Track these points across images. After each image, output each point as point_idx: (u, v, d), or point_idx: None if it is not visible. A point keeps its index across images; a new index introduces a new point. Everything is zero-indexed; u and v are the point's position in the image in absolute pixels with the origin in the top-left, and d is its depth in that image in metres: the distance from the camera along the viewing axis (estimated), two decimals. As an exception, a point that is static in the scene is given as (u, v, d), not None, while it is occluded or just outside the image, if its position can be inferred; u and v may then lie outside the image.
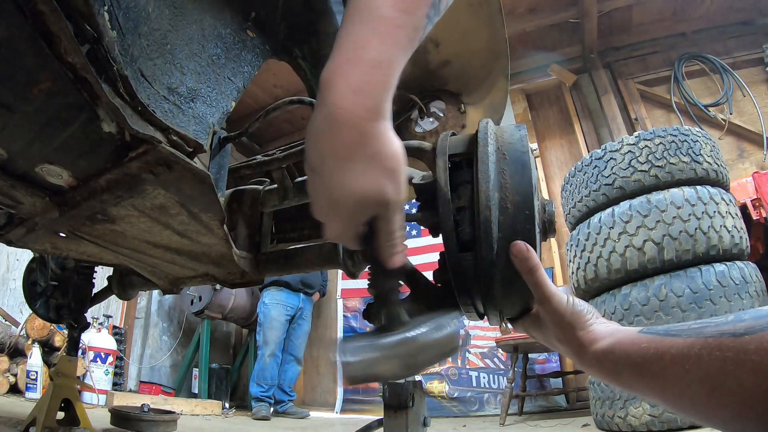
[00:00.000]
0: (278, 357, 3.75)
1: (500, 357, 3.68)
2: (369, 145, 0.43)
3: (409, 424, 0.74)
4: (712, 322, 0.41)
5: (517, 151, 0.62)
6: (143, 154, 0.68)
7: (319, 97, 0.43)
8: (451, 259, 0.65)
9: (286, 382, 3.80)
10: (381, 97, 0.42)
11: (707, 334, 0.39)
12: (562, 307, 0.55)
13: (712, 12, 4.00)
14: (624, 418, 1.88)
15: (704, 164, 2.07)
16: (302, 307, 3.95)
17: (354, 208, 0.45)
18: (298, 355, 3.91)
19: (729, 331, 0.38)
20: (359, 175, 0.43)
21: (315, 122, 0.44)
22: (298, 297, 3.93)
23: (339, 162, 0.43)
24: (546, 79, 4.37)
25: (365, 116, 0.42)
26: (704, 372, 0.38)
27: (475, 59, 1.35)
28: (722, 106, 3.81)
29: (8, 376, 2.90)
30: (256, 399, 3.59)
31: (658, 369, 0.42)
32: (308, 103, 0.96)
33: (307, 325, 4.02)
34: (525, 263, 0.56)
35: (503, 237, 0.57)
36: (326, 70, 0.43)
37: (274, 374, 3.69)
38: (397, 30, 0.43)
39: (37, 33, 0.51)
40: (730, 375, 0.36)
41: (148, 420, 1.95)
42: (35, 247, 1.13)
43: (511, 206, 0.57)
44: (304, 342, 3.99)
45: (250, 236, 1.11)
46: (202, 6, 0.79)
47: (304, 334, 3.98)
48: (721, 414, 0.38)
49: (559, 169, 4.17)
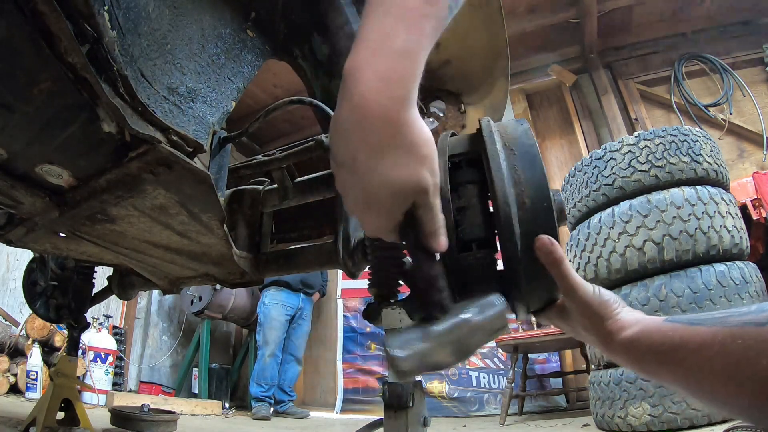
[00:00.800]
0: (278, 357, 3.76)
1: (500, 357, 3.68)
2: (403, 134, 0.42)
3: (409, 424, 0.74)
4: (735, 311, 0.41)
5: (524, 145, 0.62)
6: (143, 154, 0.68)
7: (344, 90, 0.42)
8: (451, 259, 0.65)
9: (287, 382, 3.80)
10: (410, 86, 0.42)
11: (731, 323, 0.40)
12: (588, 298, 0.55)
13: (712, 12, 4.00)
14: (624, 418, 1.88)
15: (704, 164, 2.07)
16: (302, 307, 3.95)
17: (393, 200, 0.45)
18: (298, 355, 3.91)
19: (752, 320, 0.38)
20: (396, 165, 0.42)
21: (341, 116, 0.43)
22: (298, 297, 3.93)
23: (373, 154, 0.42)
24: (546, 79, 4.36)
25: (396, 106, 0.41)
26: (726, 360, 0.38)
27: (475, 59, 1.35)
28: (722, 106, 3.81)
29: (8, 376, 2.90)
30: (257, 399, 3.60)
31: (682, 356, 0.43)
32: (308, 103, 0.96)
33: (307, 325, 4.02)
34: (550, 256, 0.55)
35: (525, 232, 0.57)
36: (350, 60, 0.42)
37: (274, 374, 3.69)
38: (423, 19, 0.43)
39: (37, 33, 0.51)
40: (751, 363, 0.36)
41: (148, 420, 1.95)
42: (35, 247, 1.13)
43: (528, 201, 0.58)
44: (305, 342, 3.99)
45: (250, 236, 1.11)
46: (202, 6, 0.79)
47: (304, 334, 3.98)
48: (740, 402, 0.38)
49: (559, 169, 4.16)
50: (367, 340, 4.25)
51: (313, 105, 0.95)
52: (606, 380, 2.00)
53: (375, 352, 4.19)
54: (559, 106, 4.39)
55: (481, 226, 0.63)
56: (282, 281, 3.89)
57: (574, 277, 0.56)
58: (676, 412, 1.74)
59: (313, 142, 0.96)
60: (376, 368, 4.11)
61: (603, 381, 2.02)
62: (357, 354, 4.22)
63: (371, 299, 0.88)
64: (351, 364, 4.20)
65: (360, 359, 4.21)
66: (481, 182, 0.65)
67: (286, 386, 3.79)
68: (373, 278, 0.87)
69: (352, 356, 4.22)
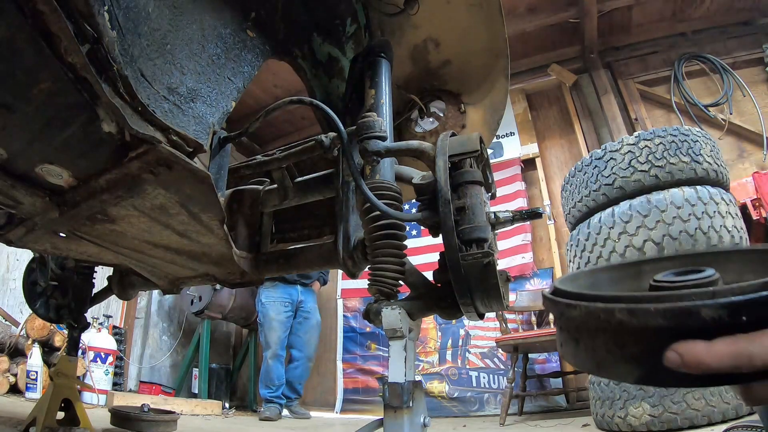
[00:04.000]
0: (282, 356, 3.69)
1: (500, 357, 3.68)
2: None
3: (409, 424, 0.74)
4: None
5: None
6: (143, 154, 0.68)
7: None
8: (451, 259, 0.65)
9: (295, 379, 3.71)
10: None
11: None
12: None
13: (712, 12, 3.99)
14: (624, 418, 1.88)
15: (704, 164, 2.07)
16: (302, 299, 3.83)
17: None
18: (306, 352, 3.78)
19: None
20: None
21: None
22: (295, 289, 3.81)
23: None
24: (546, 79, 4.36)
25: None
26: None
27: (475, 59, 1.35)
28: (722, 106, 3.81)
29: (8, 376, 2.90)
30: (266, 401, 3.59)
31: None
32: (308, 103, 0.96)
33: (314, 318, 3.86)
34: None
35: None
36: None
37: (279, 374, 3.65)
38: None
39: (37, 33, 0.51)
40: None
41: (148, 420, 1.95)
42: (35, 247, 1.13)
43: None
44: (314, 337, 3.83)
45: (250, 236, 1.11)
46: (202, 6, 0.79)
47: (312, 328, 3.83)
48: None
49: (559, 169, 4.16)
50: (367, 340, 4.24)
51: (313, 105, 0.95)
52: (606, 380, 2.00)
53: (375, 352, 4.19)
54: (559, 106, 4.39)
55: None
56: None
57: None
58: (676, 412, 1.74)
59: (313, 142, 0.96)
60: (376, 368, 4.11)
61: (603, 381, 2.02)
62: (357, 354, 4.22)
63: (371, 299, 0.89)
64: (351, 364, 4.20)
65: (360, 359, 4.21)
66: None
67: (296, 383, 3.70)
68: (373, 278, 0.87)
69: (352, 356, 4.21)
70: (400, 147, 0.89)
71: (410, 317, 0.82)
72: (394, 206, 0.85)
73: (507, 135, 4.30)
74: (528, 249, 3.81)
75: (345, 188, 1.01)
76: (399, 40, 1.29)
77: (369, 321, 0.87)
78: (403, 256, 0.88)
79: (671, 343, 0.31)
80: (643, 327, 0.31)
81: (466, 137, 0.81)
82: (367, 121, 0.88)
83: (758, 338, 0.29)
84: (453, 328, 3.89)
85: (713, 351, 0.29)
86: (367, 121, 0.88)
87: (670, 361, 0.31)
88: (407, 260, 0.90)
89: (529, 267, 3.76)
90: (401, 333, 0.79)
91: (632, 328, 0.32)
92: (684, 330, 0.30)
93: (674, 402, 1.74)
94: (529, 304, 3.40)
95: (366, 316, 0.88)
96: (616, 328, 0.33)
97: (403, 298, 0.88)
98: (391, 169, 0.97)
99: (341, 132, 0.88)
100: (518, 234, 3.84)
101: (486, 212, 0.77)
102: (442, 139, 0.82)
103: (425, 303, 0.87)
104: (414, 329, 0.84)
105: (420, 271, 0.92)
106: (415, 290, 0.90)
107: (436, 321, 3.97)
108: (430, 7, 1.18)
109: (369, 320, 0.86)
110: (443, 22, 1.26)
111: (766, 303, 0.28)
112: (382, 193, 0.87)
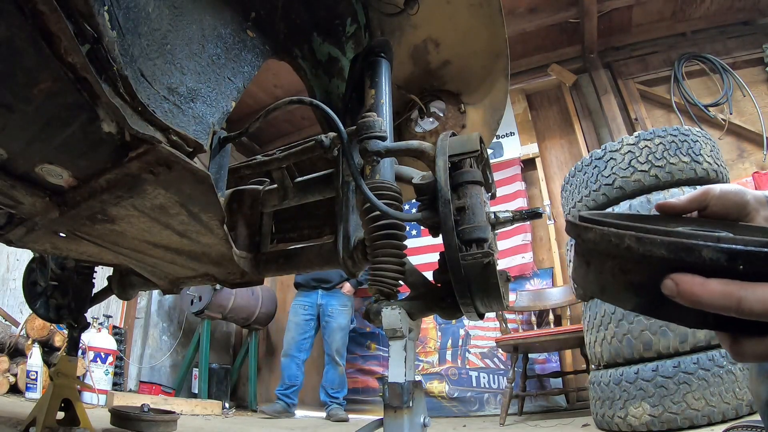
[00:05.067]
0: (295, 358, 3.75)
1: (500, 357, 3.68)
2: None
3: (409, 424, 0.74)
4: None
5: None
6: (143, 154, 0.68)
7: None
8: (451, 259, 0.65)
9: (327, 384, 3.73)
10: None
11: None
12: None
13: (712, 12, 3.99)
14: (624, 418, 1.88)
15: (704, 164, 2.07)
16: (322, 303, 3.88)
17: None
18: (333, 354, 3.76)
19: None
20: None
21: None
22: (315, 294, 3.90)
23: None
24: (546, 79, 4.36)
25: None
26: None
27: (475, 59, 1.35)
28: (722, 106, 3.81)
29: (8, 376, 2.90)
30: (277, 397, 3.68)
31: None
32: (308, 103, 0.96)
33: (335, 321, 3.83)
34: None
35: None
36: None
37: (291, 374, 3.70)
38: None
39: (37, 33, 0.51)
40: None
41: (148, 420, 1.94)
42: (35, 247, 1.13)
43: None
44: (340, 338, 3.81)
45: (250, 236, 1.11)
46: (202, 6, 0.79)
47: (332, 331, 3.81)
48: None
49: (559, 169, 4.16)
50: (367, 340, 4.24)
51: (313, 105, 0.95)
52: (606, 380, 2.00)
53: (375, 352, 4.19)
54: (559, 106, 4.39)
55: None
56: (296, 283, 3.97)
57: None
58: (676, 412, 1.74)
59: (313, 142, 0.96)
60: (376, 368, 4.11)
61: (603, 381, 2.02)
62: (357, 354, 4.22)
63: (371, 299, 0.89)
64: (351, 364, 4.19)
65: (360, 359, 4.21)
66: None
67: (328, 388, 3.71)
68: (373, 278, 0.87)
69: (352, 356, 4.21)
70: (400, 147, 0.89)
71: (410, 317, 0.82)
72: (394, 206, 0.85)
73: (507, 135, 4.30)
74: (528, 249, 3.81)
75: (345, 188, 1.01)
76: (399, 40, 1.29)
77: (369, 321, 0.87)
78: (403, 256, 0.88)
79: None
80: (647, 255, 0.33)
81: (466, 137, 0.81)
82: (367, 121, 0.88)
83: (750, 287, 0.31)
84: (453, 328, 3.89)
85: (706, 286, 0.32)
86: (367, 121, 0.88)
87: (666, 288, 0.33)
88: (407, 260, 0.90)
89: (529, 267, 3.76)
90: (401, 333, 0.79)
91: (638, 255, 0.34)
92: (684, 265, 0.33)
93: (674, 402, 1.74)
94: (529, 304, 3.40)
95: (366, 316, 0.88)
96: (623, 253, 0.35)
97: (403, 298, 0.88)
98: (391, 169, 0.97)
99: (341, 132, 0.88)
100: (518, 234, 3.84)
101: (486, 212, 0.77)
102: (442, 139, 0.82)
103: (425, 303, 0.87)
104: (414, 329, 0.84)
105: (420, 271, 0.92)
106: (415, 290, 0.90)
107: (436, 321, 3.97)
108: (430, 7, 1.18)
109: (369, 320, 0.86)
110: (443, 22, 1.26)
111: (763, 258, 0.30)
112: (382, 193, 0.87)
